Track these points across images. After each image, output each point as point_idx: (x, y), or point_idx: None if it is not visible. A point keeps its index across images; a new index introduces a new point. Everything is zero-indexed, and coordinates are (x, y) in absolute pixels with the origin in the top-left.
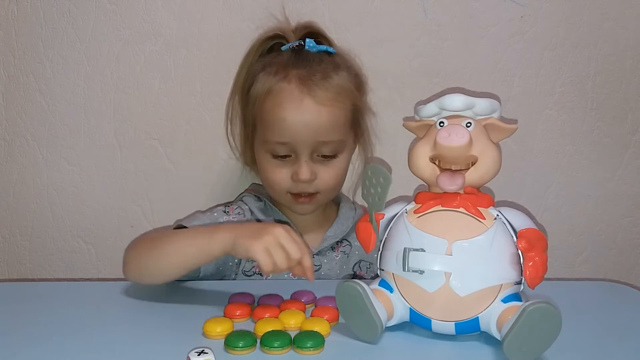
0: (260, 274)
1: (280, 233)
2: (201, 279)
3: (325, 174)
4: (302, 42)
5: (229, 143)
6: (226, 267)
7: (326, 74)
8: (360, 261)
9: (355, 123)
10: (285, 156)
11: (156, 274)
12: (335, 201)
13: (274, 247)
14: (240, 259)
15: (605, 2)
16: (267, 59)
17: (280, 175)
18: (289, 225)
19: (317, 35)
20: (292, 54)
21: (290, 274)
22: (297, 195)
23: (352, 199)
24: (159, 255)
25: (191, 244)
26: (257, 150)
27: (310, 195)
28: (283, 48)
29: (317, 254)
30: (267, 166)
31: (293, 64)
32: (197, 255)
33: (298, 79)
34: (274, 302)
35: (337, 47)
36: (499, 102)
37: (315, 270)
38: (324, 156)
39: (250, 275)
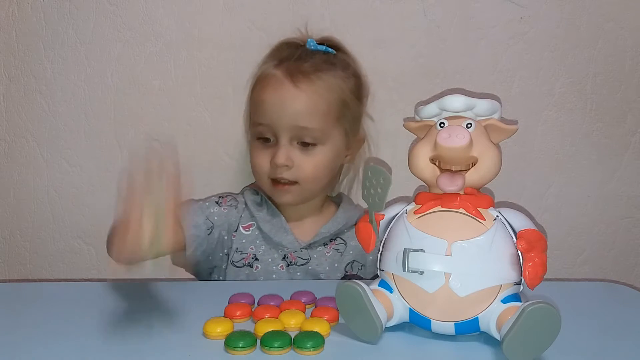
0: (250, 265)
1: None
2: (193, 271)
3: (305, 163)
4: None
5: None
6: (216, 257)
7: (316, 66)
8: (353, 261)
9: (343, 118)
10: (267, 140)
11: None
12: (335, 201)
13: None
14: (229, 251)
15: (605, 3)
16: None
17: (262, 159)
18: (280, 217)
19: (334, 48)
20: (292, 50)
21: None
22: (276, 182)
23: (355, 202)
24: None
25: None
26: (250, 134)
27: (289, 183)
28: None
29: (306, 248)
30: (252, 149)
31: (288, 57)
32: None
33: (286, 67)
34: (274, 303)
35: (353, 59)
36: (500, 102)
37: (303, 264)
38: (304, 144)
39: (240, 267)
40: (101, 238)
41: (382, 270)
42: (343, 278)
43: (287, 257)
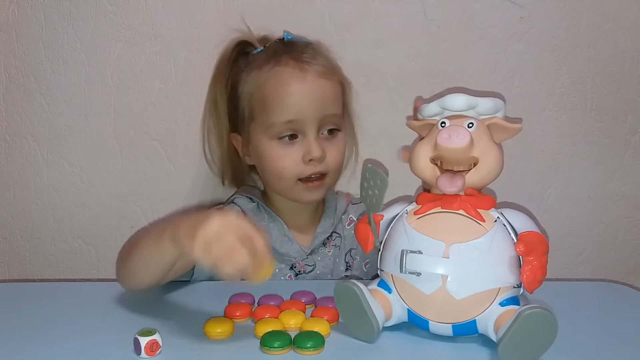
0: None
1: (215, 223)
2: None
3: (332, 152)
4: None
5: (207, 160)
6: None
7: (316, 53)
8: (350, 250)
9: (345, 99)
10: (292, 137)
11: (135, 282)
12: None
13: (215, 241)
14: None
15: (605, 3)
16: (243, 62)
17: (289, 159)
18: (282, 225)
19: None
20: (276, 45)
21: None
22: (307, 181)
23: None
24: (130, 264)
25: (148, 244)
26: (260, 142)
27: (321, 177)
28: (254, 52)
29: (310, 254)
30: (273, 153)
31: (282, 51)
32: (154, 257)
33: (292, 59)
34: (274, 303)
35: None
36: (503, 101)
37: (310, 271)
38: (329, 132)
39: (244, 280)
40: (101, 238)
41: (382, 271)
42: (345, 272)
43: (295, 267)
